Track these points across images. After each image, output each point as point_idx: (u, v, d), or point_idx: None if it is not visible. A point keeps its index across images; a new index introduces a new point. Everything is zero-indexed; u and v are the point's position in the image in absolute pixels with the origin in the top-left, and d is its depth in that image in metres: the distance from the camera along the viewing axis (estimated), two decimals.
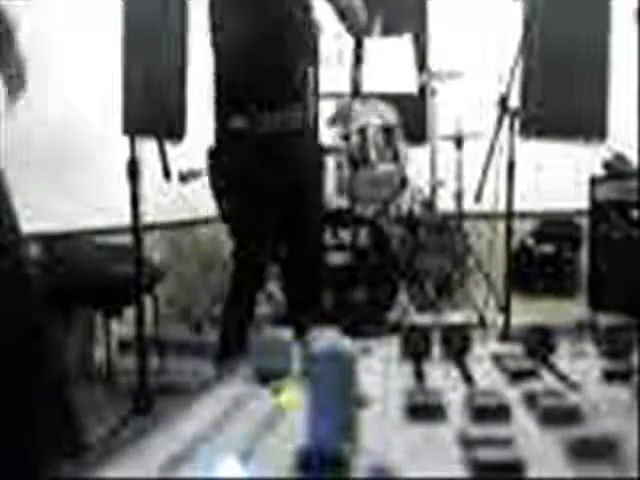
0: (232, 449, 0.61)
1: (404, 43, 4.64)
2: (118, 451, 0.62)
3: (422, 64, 4.90)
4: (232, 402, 0.77)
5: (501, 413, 0.68)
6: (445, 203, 4.74)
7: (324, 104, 2.97)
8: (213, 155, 3.00)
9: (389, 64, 4.61)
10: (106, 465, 0.59)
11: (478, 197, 3.21)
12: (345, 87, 4.26)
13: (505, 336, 1.07)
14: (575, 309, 4.51)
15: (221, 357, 2.78)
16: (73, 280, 3.26)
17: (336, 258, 3.94)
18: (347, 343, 0.64)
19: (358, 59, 3.71)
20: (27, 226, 1.94)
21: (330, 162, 4.20)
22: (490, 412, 0.68)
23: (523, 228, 5.13)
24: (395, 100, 4.54)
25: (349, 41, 4.63)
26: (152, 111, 3.31)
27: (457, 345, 0.95)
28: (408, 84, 4.65)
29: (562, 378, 0.83)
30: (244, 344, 2.54)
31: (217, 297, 4.56)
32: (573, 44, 5.37)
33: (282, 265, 3.09)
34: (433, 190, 4.70)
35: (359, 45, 3.83)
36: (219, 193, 2.98)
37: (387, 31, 4.67)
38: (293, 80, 2.80)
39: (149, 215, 2.83)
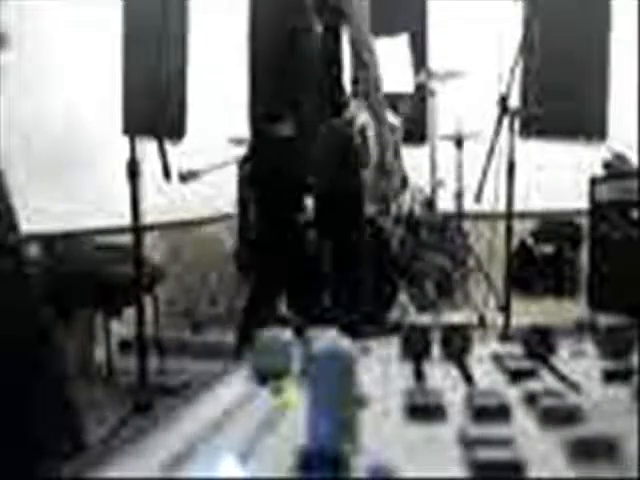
0: (232, 449, 0.61)
1: (403, 43, 4.64)
2: (118, 451, 0.62)
3: (419, 64, 4.90)
4: (232, 402, 0.77)
5: (501, 413, 0.68)
6: (445, 203, 4.74)
7: None
8: (247, 161, 3.00)
9: (389, 64, 4.61)
10: (106, 465, 0.59)
11: (478, 197, 3.21)
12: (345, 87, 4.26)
13: (505, 336, 1.07)
14: (575, 309, 4.51)
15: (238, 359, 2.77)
16: (73, 280, 3.26)
17: None
18: (347, 343, 0.64)
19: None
20: (27, 226, 1.94)
21: None
22: (490, 412, 0.68)
23: (523, 228, 5.13)
24: (395, 100, 4.54)
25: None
26: (152, 111, 3.32)
27: (457, 345, 0.95)
28: (408, 84, 4.65)
29: (562, 378, 0.83)
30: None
31: (217, 297, 4.57)
32: (573, 44, 5.38)
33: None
34: (433, 190, 4.70)
35: None
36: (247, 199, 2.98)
37: (386, 31, 4.67)
38: (337, 90, 2.81)
39: (149, 215, 2.83)
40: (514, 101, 3.24)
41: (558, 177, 5.28)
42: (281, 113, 2.75)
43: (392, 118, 4.41)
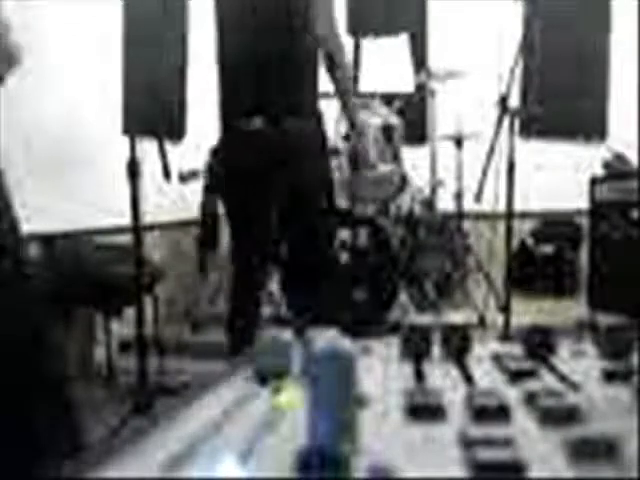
0: (232, 449, 0.61)
1: (403, 43, 4.64)
2: (118, 451, 0.62)
3: (419, 64, 4.91)
4: (232, 402, 0.77)
5: (501, 413, 0.68)
6: (445, 203, 4.74)
7: (323, 104, 2.97)
8: (216, 154, 3.00)
9: (389, 64, 4.61)
10: (106, 465, 0.59)
11: (478, 197, 3.21)
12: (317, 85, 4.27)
13: (505, 336, 1.07)
14: (575, 309, 4.51)
15: (230, 358, 2.78)
16: (73, 280, 3.26)
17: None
18: (347, 343, 0.64)
19: (357, 60, 3.72)
20: (27, 226, 1.94)
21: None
22: (490, 412, 0.68)
23: (523, 228, 5.13)
24: (394, 100, 4.55)
25: (348, 42, 4.63)
26: (152, 111, 3.31)
27: (457, 345, 0.95)
28: (408, 84, 4.66)
29: (562, 378, 0.83)
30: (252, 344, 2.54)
31: (216, 297, 4.57)
32: (573, 44, 5.38)
33: (283, 266, 3.09)
34: (433, 190, 4.70)
35: (357, 46, 3.83)
36: (218, 190, 2.99)
37: (386, 31, 4.67)
38: (305, 85, 2.81)
39: (149, 215, 2.83)
40: (514, 101, 3.24)
41: (558, 177, 5.28)
42: (252, 108, 2.76)
43: (393, 118, 4.42)
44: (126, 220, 2.64)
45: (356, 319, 3.80)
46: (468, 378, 0.84)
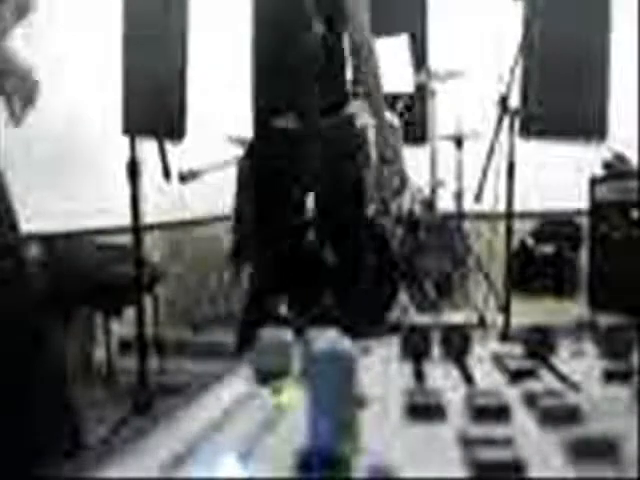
0: (232, 449, 0.61)
1: (403, 43, 4.64)
2: (118, 451, 0.62)
3: (419, 64, 4.91)
4: (232, 402, 0.77)
5: (501, 413, 0.68)
6: (445, 203, 4.74)
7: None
8: (251, 151, 3.02)
9: (389, 64, 4.61)
10: (106, 465, 0.59)
11: (478, 197, 3.21)
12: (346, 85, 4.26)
13: (505, 336, 1.07)
14: (575, 309, 4.51)
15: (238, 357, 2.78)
16: (73, 280, 3.26)
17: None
18: (347, 343, 0.64)
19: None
20: (27, 226, 1.94)
21: None
22: (490, 412, 0.68)
23: (523, 228, 5.13)
24: (395, 100, 4.55)
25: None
26: (152, 111, 3.31)
27: (457, 345, 0.95)
28: (408, 84, 4.66)
29: (562, 378, 0.83)
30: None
31: (216, 297, 4.57)
32: (573, 44, 5.38)
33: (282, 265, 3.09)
34: (433, 190, 4.70)
35: None
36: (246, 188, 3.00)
37: (386, 31, 4.67)
38: (341, 85, 2.82)
39: (149, 215, 2.83)
40: (514, 101, 3.24)
41: (558, 177, 5.28)
42: (282, 107, 2.76)
43: (392, 118, 4.42)
44: (126, 220, 2.64)
45: (356, 319, 3.79)
46: (468, 378, 0.84)
